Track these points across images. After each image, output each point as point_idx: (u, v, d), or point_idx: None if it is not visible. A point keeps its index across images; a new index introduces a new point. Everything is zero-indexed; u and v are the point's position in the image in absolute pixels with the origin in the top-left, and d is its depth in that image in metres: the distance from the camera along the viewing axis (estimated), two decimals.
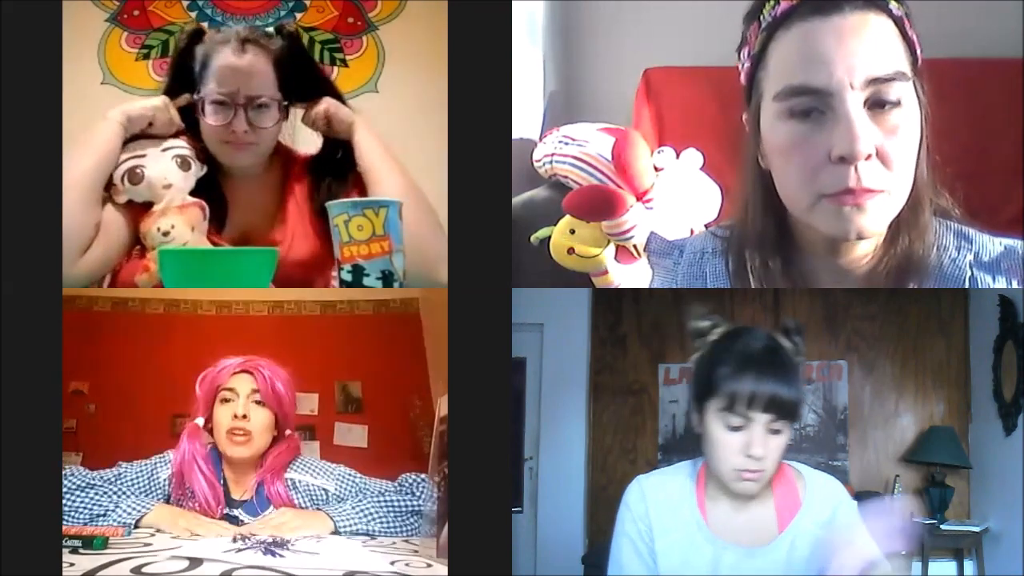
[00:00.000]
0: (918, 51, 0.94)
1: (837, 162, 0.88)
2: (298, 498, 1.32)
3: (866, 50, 0.89)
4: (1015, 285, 1.00)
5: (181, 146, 1.42)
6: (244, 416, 1.31)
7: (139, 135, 1.41)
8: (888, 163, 0.89)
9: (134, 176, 1.37)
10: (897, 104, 0.89)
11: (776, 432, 0.94)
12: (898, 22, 0.92)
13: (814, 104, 0.90)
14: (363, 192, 1.42)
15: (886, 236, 0.98)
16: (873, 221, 0.91)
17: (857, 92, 0.88)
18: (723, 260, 1.09)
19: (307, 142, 1.56)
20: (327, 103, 1.47)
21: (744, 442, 0.93)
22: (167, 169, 1.38)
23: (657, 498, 1.00)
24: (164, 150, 1.40)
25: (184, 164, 1.40)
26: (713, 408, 0.95)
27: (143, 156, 1.39)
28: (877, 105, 0.89)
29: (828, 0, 0.90)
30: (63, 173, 1.29)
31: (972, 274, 1.00)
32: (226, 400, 1.34)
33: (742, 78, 1.01)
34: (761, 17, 0.95)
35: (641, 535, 0.99)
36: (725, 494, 0.98)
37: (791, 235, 1.02)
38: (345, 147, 1.47)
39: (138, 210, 1.39)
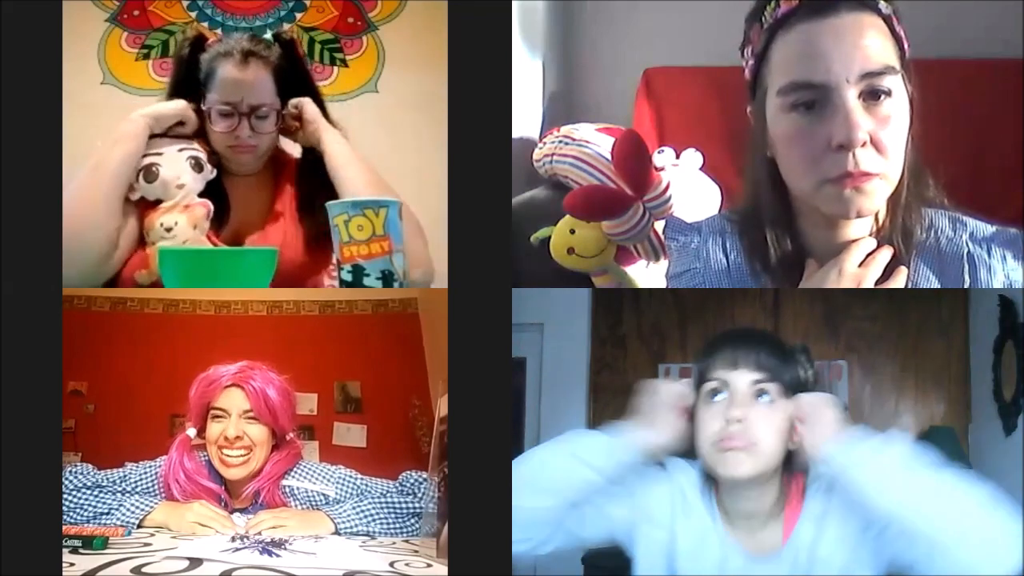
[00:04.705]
0: (905, 46, 1.02)
1: (836, 149, 0.96)
2: (297, 505, 1.32)
3: (860, 47, 0.96)
4: (1010, 262, 1.06)
5: (195, 148, 1.44)
6: (237, 438, 1.30)
7: (158, 134, 1.42)
8: (881, 149, 0.97)
9: (150, 174, 1.38)
10: (888, 94, 0.97)
11: (763, 394, 0.88)
12: (887, 20, 1.00)
13: (814, 97, 0.98)
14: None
15: (885, 213, 1.07)
16: (871, 201, 1.00)
17: (852, 86, 0.96)
18: (739, 239, 1.16)
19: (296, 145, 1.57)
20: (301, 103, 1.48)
21: (723, 407, 0.89)
22: (182, 169, 1.40)
23: (685, 477, 0.97)
24: (180, 150, 1.42)
25: (197, 166, 1.42)
26: (702, 393, 0.91)
27: (160, 155, 1.40)
28: (871, 96, 0.97)
29: (825, 2, 0.98)
30: (93, 169, 1.33)
31: (969, 249, 1.07)
32: (217, 417, 1.32)
33: (746, 74, 1.09)
34: (763, 18, 1.03)
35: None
36: (733, 504, 0.93)
37: (796, 214, 1.10)
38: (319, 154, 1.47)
39: (144, 207, 1.40)
